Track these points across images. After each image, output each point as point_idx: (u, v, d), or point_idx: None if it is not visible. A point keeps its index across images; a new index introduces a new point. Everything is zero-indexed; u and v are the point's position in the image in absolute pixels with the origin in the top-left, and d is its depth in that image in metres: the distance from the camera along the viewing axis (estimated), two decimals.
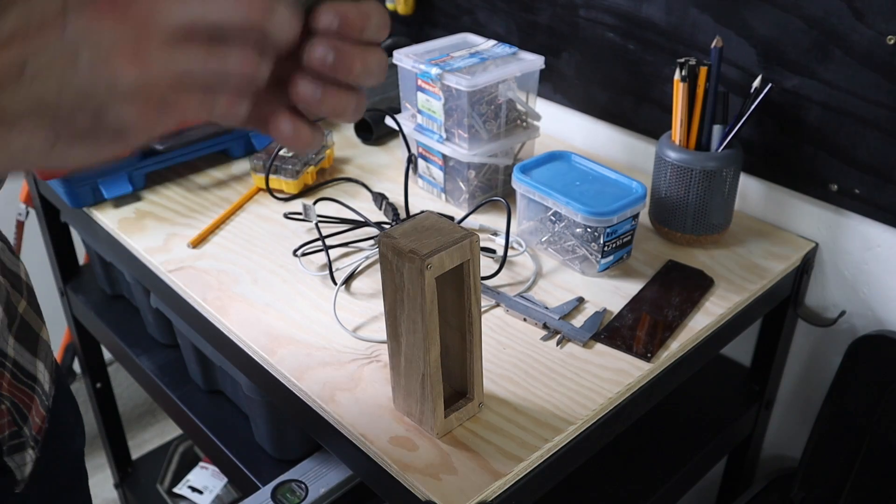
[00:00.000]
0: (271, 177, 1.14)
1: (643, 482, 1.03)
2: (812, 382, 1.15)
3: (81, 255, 1.59)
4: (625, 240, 0.97)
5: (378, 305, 0.92)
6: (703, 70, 0.98)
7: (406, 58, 1.09)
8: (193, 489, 1.30)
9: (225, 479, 1.30)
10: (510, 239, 0.98)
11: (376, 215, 1.10)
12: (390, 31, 0.54)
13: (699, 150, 1.00)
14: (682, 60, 0.99)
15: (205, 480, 1.32)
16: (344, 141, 1.31)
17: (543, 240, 1.01)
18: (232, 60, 0.37)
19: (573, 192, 0.97)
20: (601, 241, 0.94)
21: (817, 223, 1.05)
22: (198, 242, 1.04)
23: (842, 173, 0.99)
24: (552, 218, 0.99)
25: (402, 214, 1.09)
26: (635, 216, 0.97)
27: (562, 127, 1.31)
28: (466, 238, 0.67)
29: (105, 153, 0.37)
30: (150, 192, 1.15)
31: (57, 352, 1.76)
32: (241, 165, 1.22)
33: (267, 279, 0.97)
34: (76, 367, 1.75)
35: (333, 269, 0.97)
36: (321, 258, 1.00)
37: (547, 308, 0.91)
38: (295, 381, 0.82)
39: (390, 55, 1.11)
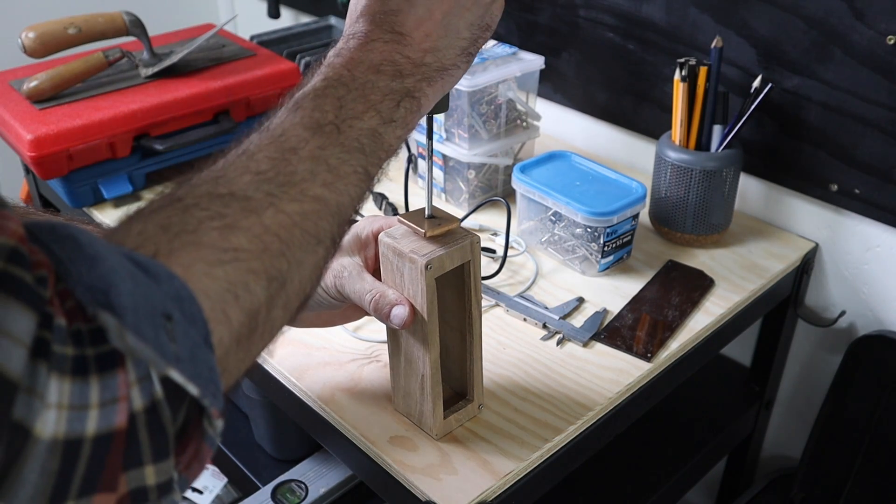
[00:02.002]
0: None
1: (643, 482, 1.03)
2: (812, 382, 1.15)
3: None
4: (625, 240, 0.97)
5: None
6: (703, 70, 0.98)
7: None
8: (193, 489, 1.30)
9: (225, 479, 1.30)
10: (510, 239, 0.98)
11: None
12: None
13: (699, 150, 1.00)
14: (682, 60, 0.99)
15: (205, 480, 1.31)
16: None
17: (543, 240, 1.01)
18: None
19: (573, 192, 0.97)
20: (601, 241, 0.94)
21: (817, 223, 1.05)
22: None
23: (842, 173, 0.99)
24: (552, 218, 0.99)
25: None
26: (635, 216, 0.97)
27: (562, 127, 1.30)
28: (467, 239, 0.67)
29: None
30: (151, 192, 1.15)
31: None
32: None
33: None
34: None
35: None
36: None
37: (547, 308, 0.91)
38: (295, 381, 0.82)
39: None
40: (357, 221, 0.73)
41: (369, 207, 1.12)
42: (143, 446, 0.32)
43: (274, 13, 1.73)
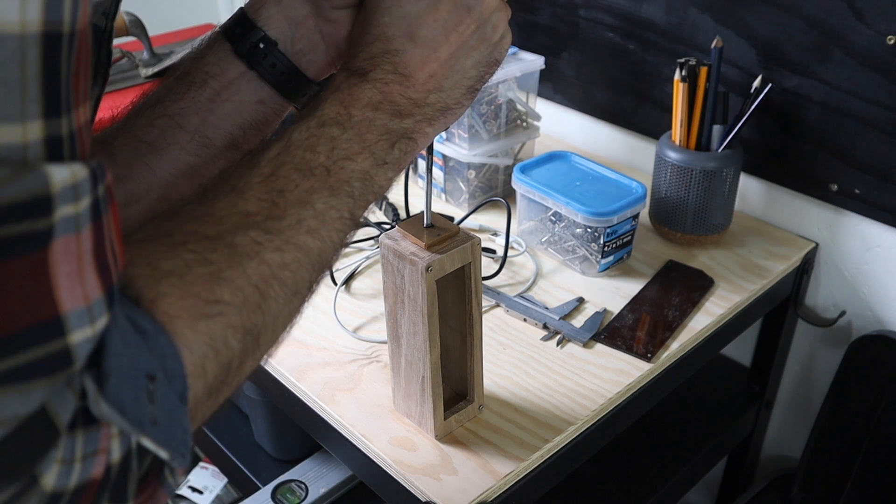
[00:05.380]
0: None
1: (643, 482, 1.03)
2: (812, 382, 1.15)
3: None
4: (625, 240, 0.97)
5: (378, 306, 0.92)
6: (703, 70, 0.98)
7: None
8: (193, 489, 1.30)
9: (225, 479, 1.30)
10: (510, 239, 0.98)
11: (376, 215, 1.10)
12: None
13: (699, 150, 1.00)
14: (682, 60, 0.99)
15: (205, 480, 1.32)
16: None
17: (543, 240, 1.01)
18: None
19: (573, 192, 0.97)
20: (601, 242, 0.94)
21: (817, 223, 1.05)
22: None
23: (842, 173, 0.99)
24: (552, 218, 0.99)
25: (402, 214, 1.09)
26: (635, 216, 0.97)
27: (562, 127, 1.31)
28: (467, 241, 0.67)
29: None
30: None
31: None
32: None
33: None
34: None
35: (333, 270, 0.97)
36: None
37: (547, 308, 0.91)
38: (295, 381, 0.82)
39: None
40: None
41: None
42: (108, 494, 0.32)
43: None
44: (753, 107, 0.97)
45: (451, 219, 1.00)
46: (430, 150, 0.66)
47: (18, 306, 0.28)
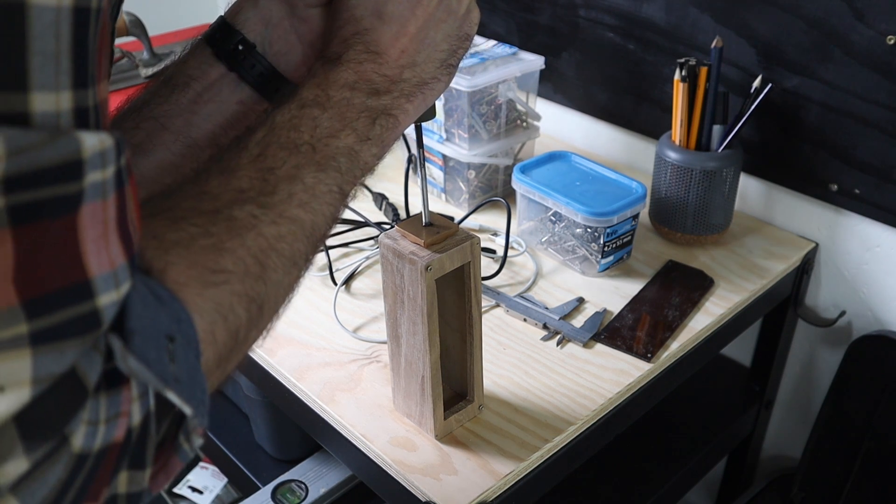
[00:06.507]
0: None
1: (643, 482, 1.03)
2: (812, 382, 1.15)
3: None
4: (625, 240, 0.97)
5: (378, 306, 0.92)
6: (703, 70, 0.98)
7: None
8: (193, 489, 1.30)
9: (225, 479, 1.30)
10: (510, 239, 0.98)
11: (376, 215, 1.10)
12: None
13: (699, 150, 1.00)
14: (682, 60, 0.99)
15: (205, 480, 1.32)
16: None
17: (543, 240, 1.01)
18: None
19: (573, 192, 0.97)
20: (601, 242, 0.94)
21: (817, 223, 1.05)
22: None
23: (842, 173, 0.99)
24: (552, 218, 0.99)
25: (402, 214, 1.09)
26: (635, 216, 0.97)
27: (562, 127, 1.31)
28: (467, 240, 0.67)
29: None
30: None
31: None
32: None
33: None
34: None
35: (333, 270, 0.97)
36: (321, 258, 1.00)
37: (547, 308, 0.91)
38: (295, 381, 0.82)
39: None
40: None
41: (369, 207, 1.12)
42: (128, 458, 0.33)
43: None
44: (753, 107, 0.97)
45: (452, 219, 1.00)
46: (421, 144, 0.66)
47: (51, 267, 0.29)
